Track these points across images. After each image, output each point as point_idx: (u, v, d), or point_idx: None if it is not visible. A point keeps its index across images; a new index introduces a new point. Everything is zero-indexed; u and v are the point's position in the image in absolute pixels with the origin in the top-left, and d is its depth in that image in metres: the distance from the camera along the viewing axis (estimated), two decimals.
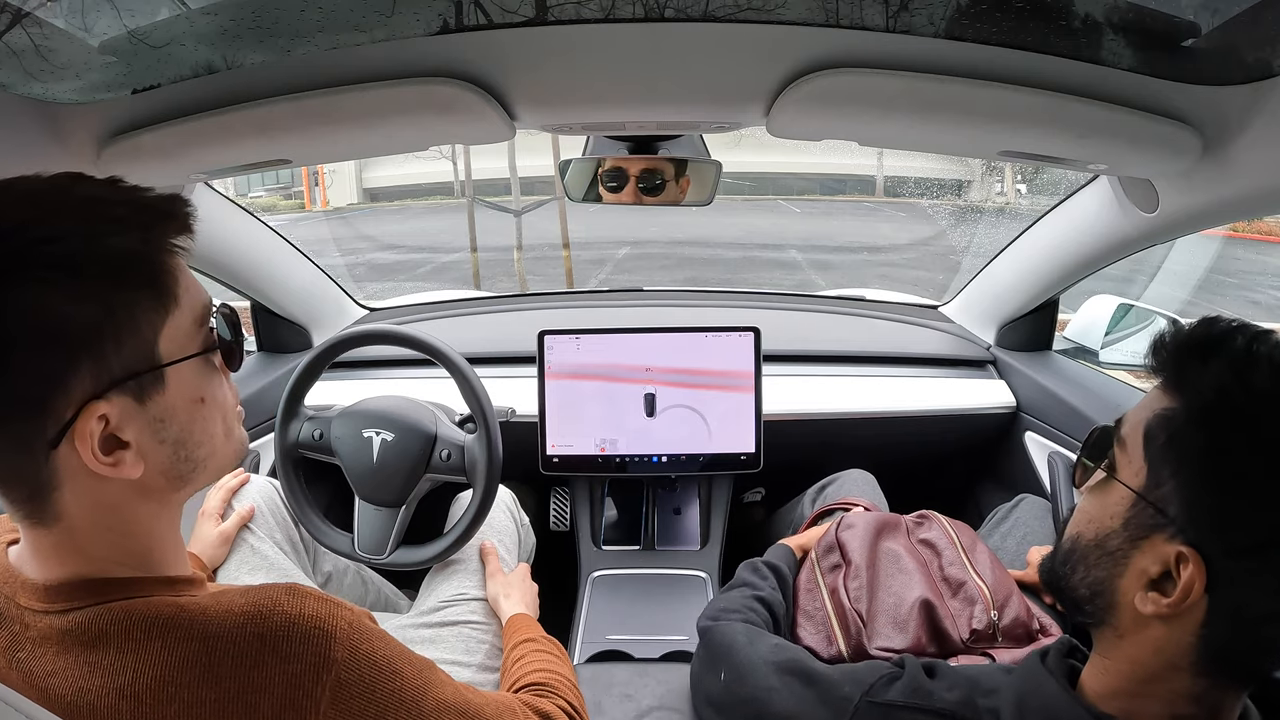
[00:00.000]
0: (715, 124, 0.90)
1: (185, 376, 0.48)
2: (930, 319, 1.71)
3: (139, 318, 0.45)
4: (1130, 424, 0.53)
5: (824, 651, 0.89)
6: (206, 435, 0.50)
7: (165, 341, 0.47)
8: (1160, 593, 0.49)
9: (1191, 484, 0.48)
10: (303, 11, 0.63)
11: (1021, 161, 0.88)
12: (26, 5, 0.58)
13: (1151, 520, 0.49)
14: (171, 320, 0.47)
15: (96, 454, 0.44)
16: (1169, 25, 0.65)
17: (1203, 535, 0.47)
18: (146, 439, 0.47)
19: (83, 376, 0.43)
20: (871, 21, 0.65)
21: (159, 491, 0.49)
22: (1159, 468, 0.49)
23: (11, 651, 0.47)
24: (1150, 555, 0.49)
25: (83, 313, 0.42)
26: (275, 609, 0.48)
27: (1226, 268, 8.49)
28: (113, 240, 0.44)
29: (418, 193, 15.89)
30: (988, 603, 0.89)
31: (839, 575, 0.95)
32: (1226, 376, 0.47)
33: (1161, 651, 0.50)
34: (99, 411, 0.44)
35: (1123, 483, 0.52)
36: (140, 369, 0.45)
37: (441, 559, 1.06)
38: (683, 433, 1.33)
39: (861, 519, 1.01)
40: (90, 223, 0.44)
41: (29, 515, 0.46)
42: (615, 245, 10.07)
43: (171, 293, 0.47)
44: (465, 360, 1.02)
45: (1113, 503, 0.52)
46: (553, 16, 0.66)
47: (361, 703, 0.50)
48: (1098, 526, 0.53)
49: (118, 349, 0.44)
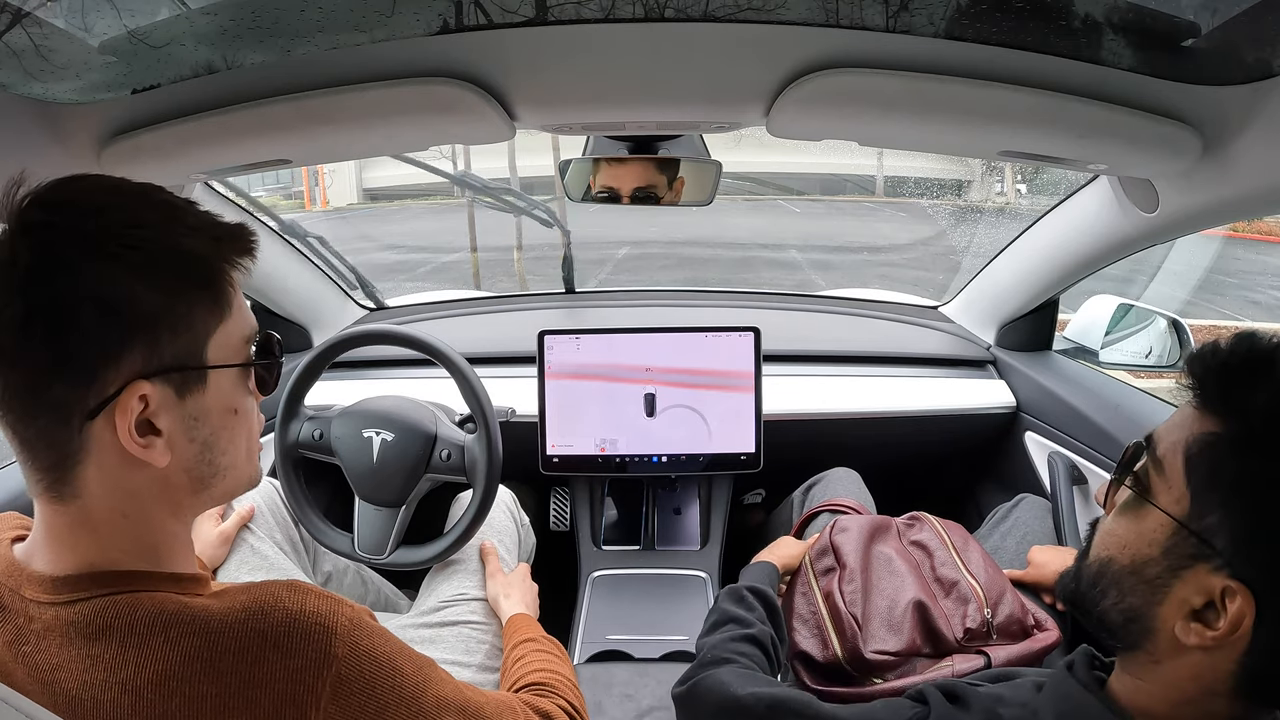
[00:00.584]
0: (715, 124, 0.90)
1: (224, 385, 0.51)
2: (930, 319, 1.71)
3: (195, 316, 0.48)
4: (1166, 445, 0.50)
5: (819, 655, 0.89)
6: (232, 446, 0.53)
7: (214, 346, 0.50)
8: (1203, 624, 0.47)
9: (1242, 517, 0.46)
10: (303, 11, 0.63)
11: (1021, 161, 0.88)
12: (26, 5, 0.58)
13: (1195, 550, 0.47)
14: (223, 328, 0.50)
15: (132, 431, 0.46)
16: (1169, 25, 0.65)
17: (1255, 571, 0.45)
18: (179, 433, 0.49)
19: (135, 355, 0.46)
20: (871, 21, 0.65)
21: (179, 490, 0.51)
22: (1204, 496, 0.47)
23: (17, 645, 0.47)
24: (1193, 585, 0.47)
25: (148, 296, 0.46)
26: (277, 605, 0.49)
27: (1226, 268, 8.48)
28: (186, 240, 0.48)
29: (418, 193, 15.89)
30: (981, 601, 0.89)
31: (833, 579, 0.95)
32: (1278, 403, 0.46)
33: (1199, 678, 0.49)
34: (141, 391, 0.46)
35: (1164, 510, 0.49)
36: (187, 364, 0.48)
37: (441, 559, 1.06)
38: (683, 433, 1.33)
39: (855, 522, 1.02)
40: (168, 221, 0.48)
41: (49, 488, 0.47)
42: (615, 245, 10.07)
43: (228, 302, 0.50)
44: (465, 360, 1.02)
45: (1150, 529, 0.50)
46: (553, 16, 0.66)
47: (362, 698, 0.50)
48: (1134, 553, 0.51)
49: (172, 338, 0.47)
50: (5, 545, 0.51)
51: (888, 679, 0.85)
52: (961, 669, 0.83)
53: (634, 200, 1.11)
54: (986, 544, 1.18)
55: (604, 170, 1.10)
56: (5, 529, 0.53)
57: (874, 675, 0.86)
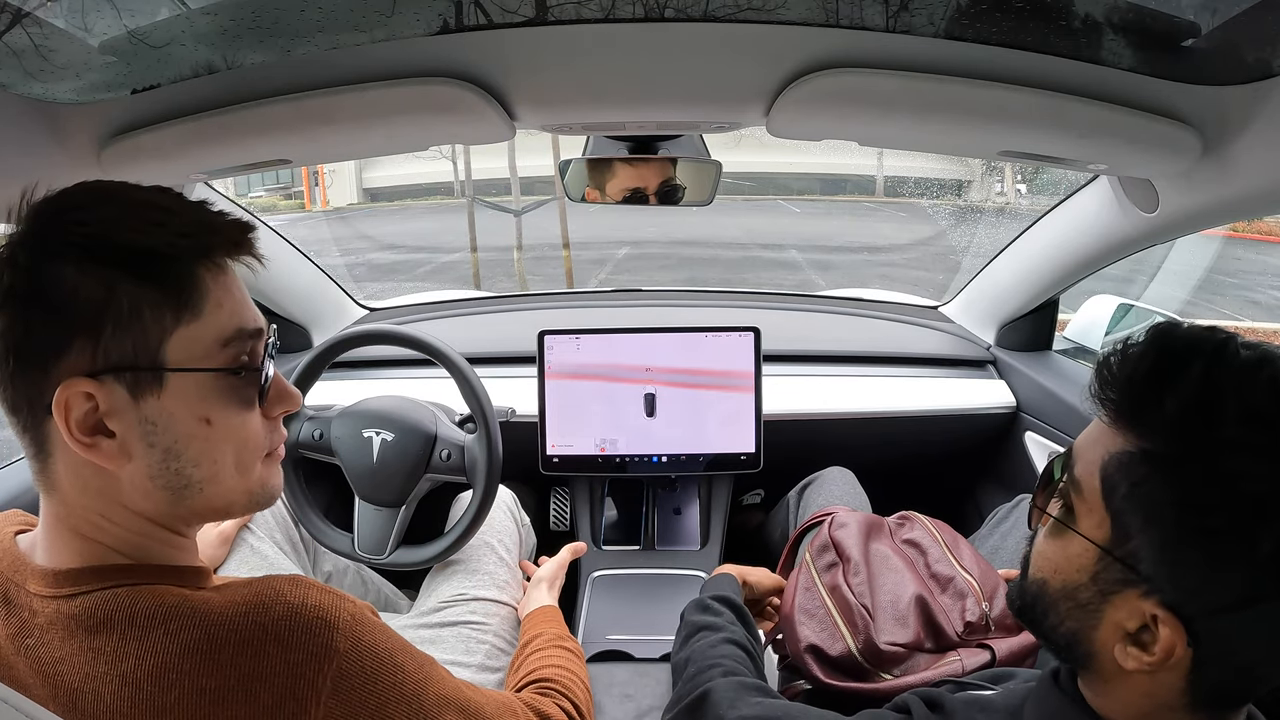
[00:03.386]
0: (715, 124, 0.90)
1: (190, 389, 0.48)
2: (930, 319, 1.71)
3: (144, 312, 0.46)
4: (1083, 464, 0.48)
5: (830, 649, 0.89)
6: (207, 458, 0.49)
7: (174, 347, 0.47)
8: (1140, 648, 0.45)
9: (1164, 543, 0.43)
10: (303, 11, 0.63)
11: (1021, 161, 0.88)
12: (26, 5, 0.58)
13: (1122, 576, 0.45)
14: (186, 329, 0.47)
15: (73, 429, 0.45)
16: (1169, 25, 0.65)
17: (1181, 597, 0.43)
18: (134, 437, 0.47)
19: (78, 351, 0.45)
20: (871, 21, 0.65)
21: (153, 499, 0.49)
22: (1124, 520, 0.45)
23: (20, 639, 0.47)
24: (1124, 610, 0.45)
25: (85, 289, 0.44)
26: (278, 599, 0.48)
27: (1226, 268, 8.48)
28: (135, 236, 0.46)
29: (418, 193, 15.89)
30: (978, 595, 0.90)
31: (837, 572, 0.95)
32: (1191, 419, 0.42)
33: (1152, 695, 0.47)
34: (84, 389, 0.45)
35: (1086, 537, 0.47)
36: (138, 364, 0.46)
37: (441, 559, 1.06)
38: (683, 433, 1.33)
39: (853, 518, 1.02)
40: (126, 218, 0.47)
41: (37, 476, 0.49)
42: (615, 245, 10.07)
43: (192, 302, 0.47)
44: (465, 360, 1.02)
45: (1076, 554, 0.48)
46: (553, 16, 0.66)
47: (363, 694, 0.50)
48: (1064, 578, 0.49)
49: (116, 335, 0.45)
50: (9, 539, 0.51)
51: (895, 674, 0.85)
52: (970, 664, 0.83)
53: (634, 200, 1.11)
54: (987, 544, 1.18)
55: (604, 170, 1.10)
56: (8, 524, 0.54)
57: (886, 669, 0.86)
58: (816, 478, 1.29)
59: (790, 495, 1.30)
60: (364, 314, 1.70)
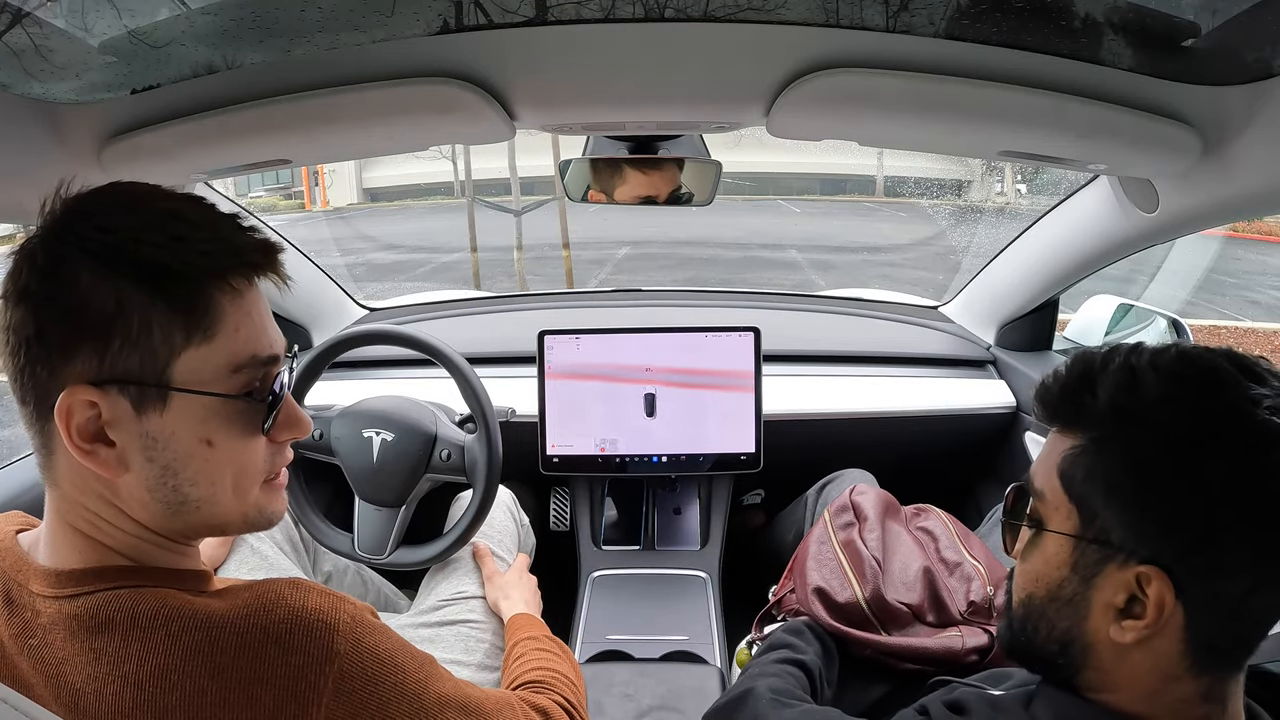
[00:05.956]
0: (715, 124, 0.90)
1: (195, 411, 0.47)
2: (930, 319, 1.71)
3: (154, 329, 0.45)
4: (1042, 475, 0.54)
5: (838, 595, 0.91)
6: (205, 479, 0.49)
7: (181, 367, 0.46)
8: (1133, 618, 0.49)
9: (1125, 505, 0.48)
10: (303, 11, 0.63)
11: (1021, 161, 0.88)
12: (26, 5, 0.58)
13: (1098, 555, 0.50)
14: (195, 350, 0.47)
15: (73, 435, 0.45)
16: (1169, 25, 0.65)
17: (1154, 548, 0.47)
18: (134, 450, 0.47)
19: (85, 358, 0.45)
20: (871, 21, 0.65)
21: (150, 510, 0.49)
22: (1088, 503, 0.50)
23: (23, 639, 0.47)
24: (1109, 588, 0.49)
25: (96, 298, 0.44)
26: (279, 602, 0.48)
27: (1226, 268, 8.49)
28: (152, 249, 0.45)
29: (418, 193, 15.90)
30: (984, 579, 0.93)
31: (853, 530, 0.99)
32: (1119, 396, 0.49)
33: (1156, 669, 0.50)
34: (87, 397, 0.45)
35: (1057, 531, 0.52)
36: (143, 380, 0.46)
37: (441, 559, 1.06)
38: (683, 433, 1.33)
39: (873, 490, 1.07)
40: (148, 229, 0.46)
41: (43, 468, 0.49)
42: (615, 245, 10.07)
43: (204, 324, 0.46)
44: (465, 360, 1.02)
45: (1053, 554, 0.53)
46: (553, 16, 0.66)
47: (364, 695, 0.50)
48: (1047, 582, 0.53)
49: (124, 348, 0.45)
50: (11, 538, 0.51)
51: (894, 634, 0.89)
52: (970, 643, 0.86)
53: (633, 200, 1.11)
54: (987, 542, 1.19)
55: (604, 170, 1.10)
56: (9, 524, 0.54)
57: (888, 626, 0.89)
58: (836, 477, 1.29)
59: (809, 493, 1.30)
60: (364, 314, 1.70)
